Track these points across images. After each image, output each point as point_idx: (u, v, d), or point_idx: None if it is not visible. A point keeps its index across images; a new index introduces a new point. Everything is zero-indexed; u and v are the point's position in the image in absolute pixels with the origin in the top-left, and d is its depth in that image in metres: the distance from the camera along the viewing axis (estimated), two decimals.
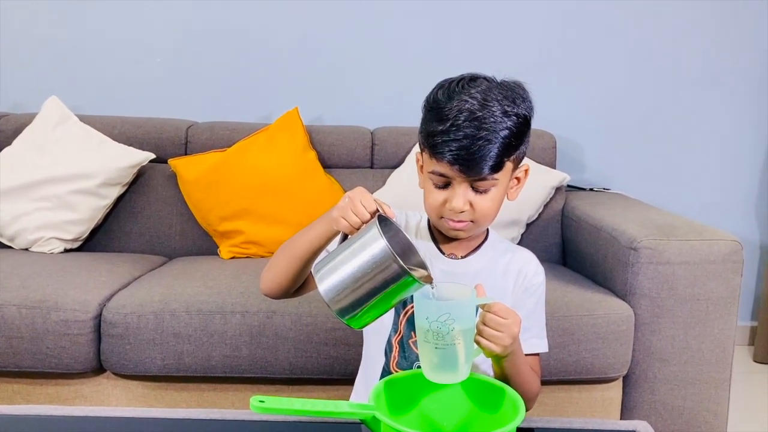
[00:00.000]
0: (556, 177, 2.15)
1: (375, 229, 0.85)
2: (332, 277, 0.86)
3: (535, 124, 2.54)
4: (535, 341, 1.10)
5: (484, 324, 0.90)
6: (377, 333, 1.12)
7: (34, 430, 0.99)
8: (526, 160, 1.07)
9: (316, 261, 0.90)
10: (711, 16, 2.46)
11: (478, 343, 0.91)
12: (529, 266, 1.12)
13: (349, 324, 0.89)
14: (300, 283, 1.10)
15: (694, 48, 2.48)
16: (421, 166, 1.07)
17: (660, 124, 2.52)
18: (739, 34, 2.48)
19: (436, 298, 0.88)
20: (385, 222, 0.90)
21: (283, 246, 1.08)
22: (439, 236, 1.11)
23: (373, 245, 0.85)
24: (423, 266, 0.93)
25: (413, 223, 1.15)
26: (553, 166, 2.26)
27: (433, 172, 1.00)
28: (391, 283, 0.84)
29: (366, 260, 0.85)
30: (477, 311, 0.91)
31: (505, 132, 0.97)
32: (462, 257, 1.11)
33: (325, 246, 1.03)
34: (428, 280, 0.88)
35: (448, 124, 0.96)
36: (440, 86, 1.02)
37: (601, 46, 2.46)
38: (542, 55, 2.45)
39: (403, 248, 0.92)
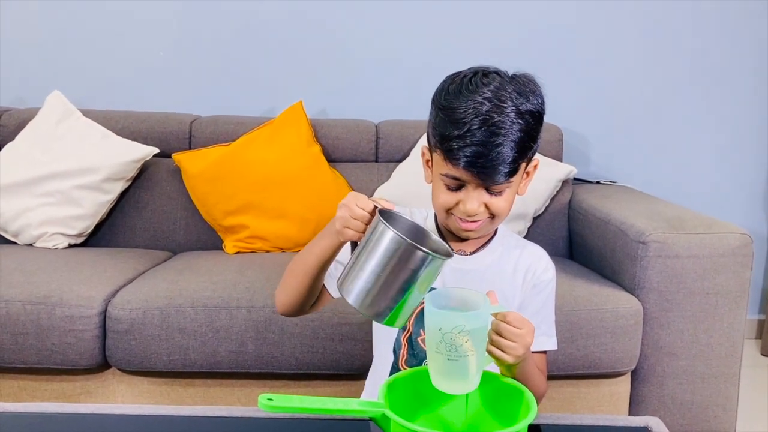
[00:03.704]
0: (563, 170, 2.13)
1: (380, 224, 0.83)
2: (357, 284, 0.84)
3: None
4: (543, 339, 1.08)
5: (499, 334, 0.88)
6: (386, 331, 1.10)
7: (41, 428, 0.98)
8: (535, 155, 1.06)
9: (338, 277, 0.88)
10: (719, 9, 2.43)
11: (491, 353, 0.89)
12: (539, 263, 1.11)
13: (389, 324, 0.86)
14: (314, 299, 1.09)
15: (702, 40, 2.46)
16: (427, 161, 1.06)
17: (667, 116, 2.50)
18: (747, 27, 2.45)
19: (447, 308, 0.85)
20: (387, 214, 0.88)
21: (290, 265, 1.06)
22: (447, 232, 1.10)
23: (384, 239, 0.83)
24: (439, 244, 0.91)
25: (419, 220, 1.13)
26: (559, 158, 2.25)
27: (446, 175, 0.99)
28: (414, 269, 0.82)
29: (382, 256, 0.83)
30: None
31: (521, 135, 0.95)
32: (471, 253, 1.09)
33: (333, 258, 1.01)
34: (448, 254, 0.86)
35: (464, 129, 0.93)
36: (450, 82, 0.99)
37: (609, 38, 2.44)
38: (549, 47, 2.43)
39: (414, 233, 0.90)
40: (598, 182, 2.39)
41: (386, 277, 0.83)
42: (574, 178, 2.23)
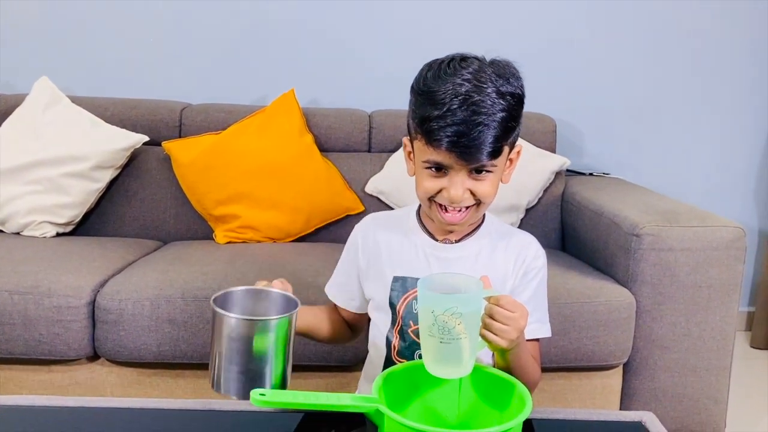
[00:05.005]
0: (556, 161, 2.12)
1: (215, 313, 0.85)
2: (228, 378, 0.87)
3: (536, 108, 2.51)
4: (536, 326, 1.07)
5: (491, 317, 0.88)
6: (378, 327, 1.11)
7: (29, 421, 0.97)
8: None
9: (212, 378, 0.91)
10: (715, 3, 2.42)
11: (484, 336, 0.88)
12: (529, 249, 1.09)
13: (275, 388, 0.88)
14: (344, 331, 1.21)
15: (696, 33, 2.45)
16: (409, 152, 1.04)
17: (660, 108, 2.50)
18: (741, 20, 2.45)
19: (440, 291, 0.85)
20: (227, 296, 0.91)
21: None
22: (431, 224, 1.09)
23: (221, 325, 0.85)
24: (283, 297, 0.94)
25: (404, 220, 1.13)
26: (552, 150, 2.24)
27: (428, 161, 0.97)
28: (266, 336, 0.84)
29: (229, 340, 0.85)
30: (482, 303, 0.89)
31: (503, 114, 0.94)
32: (456, 242, 1.08)
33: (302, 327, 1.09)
34: (294, 305, 0.90)
35: (444, 109, 0.92)
36: (428, 68, 0.98)
37: (603, 31, 2.43)
38: (543, 38, 2.41)
39: (255, 301, 0.94)
40: (591, 174, 2.38)
41: (244, 356, 0.84)
42: (568, 170, 2.23)
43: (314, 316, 1.16)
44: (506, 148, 0.98)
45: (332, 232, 2.11)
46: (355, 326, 1.22)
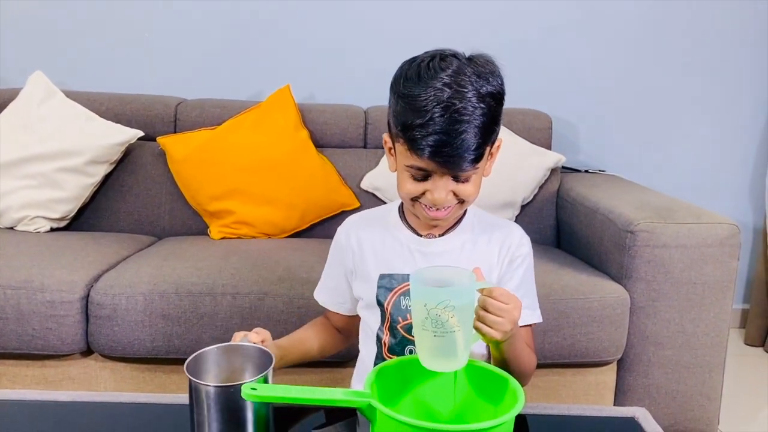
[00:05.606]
0: (552, 158, 2.12)
1: (191, 383, 0.84)
2: None
3: (532, 105, 2.49)
4: (527, 313, 1.07)
5: (485, 310, 0.88)
6: (369, 324, 1.11)
7: (21, 415, 0.96)
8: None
9: None
10: (711, 1, 2.43)
11: (478, 329, 0.88)
12: (513, 237, 1.09)
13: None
14: (329, 346, 1.22)
15: (692, 30, 2.45)
16: (390, 149, 1.04)
17: (656, 106, 2.50)
18: (737, 17, 2.44)
19: (432, 284, 0.85)
20: (198, 359, 0.90)
21: None
22: (414, 219, 1.09)
23: (199, 394, 0.84)
24: (257, 353, 0.92)
25: (386, 217, 1.13)
26: (548, 147, 2.23)
27: (411, 167, 0.97)
28: (226, 404, 0.83)
29: (199, 406, 0.83)
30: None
31: (483, 119, 0.93)
32: (440, 236, 1.08)
33: (290, 357, 1.13)
34: (269, 360, 0.88)
35: (426, 118, 0.91)
36: (408, 67, 0.97)
37: (600, 27, 2.43)
38: (539, 34, 2.41)
39: (231, 362, 0.92)
40: (586, 171, 2.38)
41: (223, 421, 0.83)
42: (563, 167, 2.22)
43: (297, 349, 1.16)
44: (487, 149, 0.98)
45: (327, 228, 2.11)
46: (348, 331, 1.21)
